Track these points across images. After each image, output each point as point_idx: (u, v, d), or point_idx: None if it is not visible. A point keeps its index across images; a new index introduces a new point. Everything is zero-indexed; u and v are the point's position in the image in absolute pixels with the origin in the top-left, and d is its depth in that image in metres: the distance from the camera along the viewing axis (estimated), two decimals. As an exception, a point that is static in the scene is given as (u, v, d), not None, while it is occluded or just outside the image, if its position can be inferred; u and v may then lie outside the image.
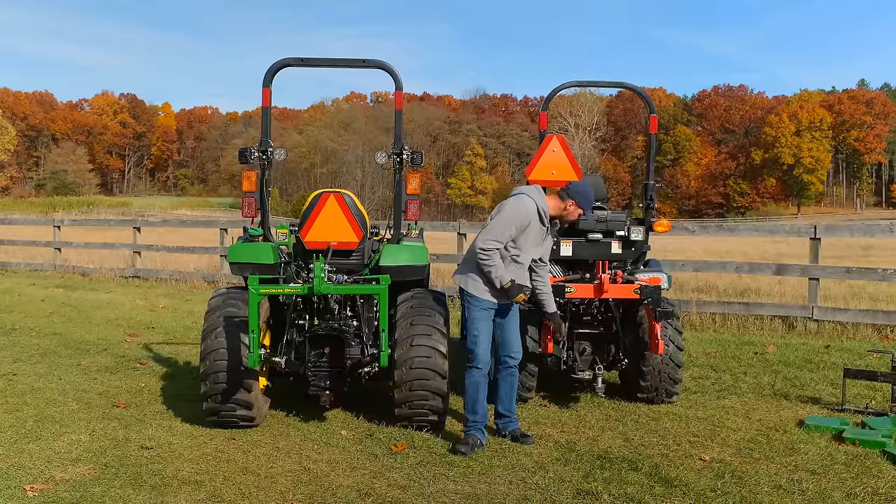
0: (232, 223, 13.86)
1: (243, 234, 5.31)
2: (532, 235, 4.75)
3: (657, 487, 4.05)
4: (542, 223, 4.79)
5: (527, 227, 4.69)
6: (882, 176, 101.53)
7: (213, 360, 4.81)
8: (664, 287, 5.59)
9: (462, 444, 4.61)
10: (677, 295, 10.27)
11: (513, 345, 4.91)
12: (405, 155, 5.29)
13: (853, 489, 4.02)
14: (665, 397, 5.70)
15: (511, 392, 4.94)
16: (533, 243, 4.78)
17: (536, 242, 4.80)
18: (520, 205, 4.70)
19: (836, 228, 10.47)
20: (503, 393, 4.93)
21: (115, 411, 5.45)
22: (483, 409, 4.77)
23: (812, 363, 7.18)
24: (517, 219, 4.67)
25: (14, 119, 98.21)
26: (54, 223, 16.95)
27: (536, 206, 4.73)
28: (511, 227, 4.66)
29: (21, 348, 7.80)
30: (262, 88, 5.20)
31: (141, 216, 55.56)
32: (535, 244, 4.79)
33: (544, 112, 6.43)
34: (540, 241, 4.83)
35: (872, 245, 27.79)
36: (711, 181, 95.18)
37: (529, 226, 4.70)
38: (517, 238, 4.70)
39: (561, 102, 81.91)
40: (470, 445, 4.60)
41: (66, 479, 4.07)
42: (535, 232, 4.76)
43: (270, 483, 4.09)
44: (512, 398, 4.96)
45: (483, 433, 4.75)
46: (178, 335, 8.79)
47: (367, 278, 5.05)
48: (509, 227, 4.66)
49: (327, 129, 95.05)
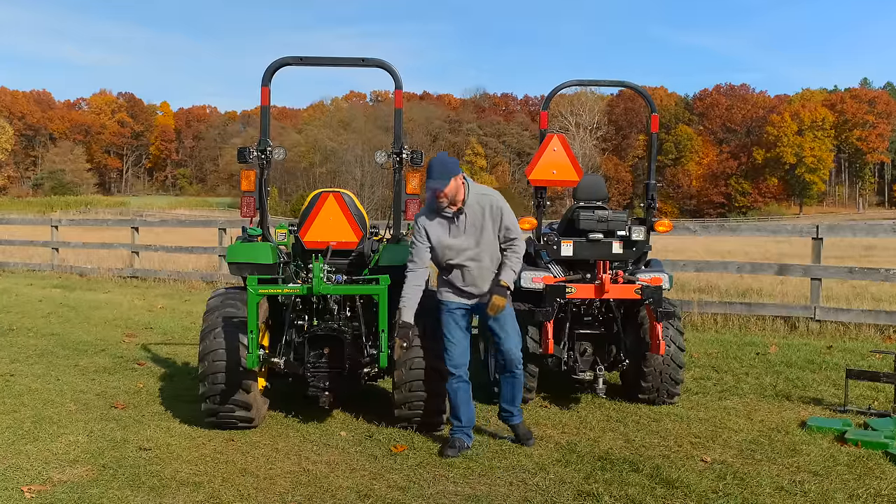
0: (230, 223, 13.83)
1: (242, 234, 5.29)
2: (446, 242, 4.59)
3: (658, 489, 4.02)
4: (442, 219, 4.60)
5: (424, 233, 4.60)
6: (885, 175, 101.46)
7: (212, 360, 4.79)
8: (665, 287, 5.57)
9: (448, 448, 4.58)
10: (679, 295, 10.24)
11: (509, 350, 4.72)
12: (405, 154, 5.26)
13: (856, 490, 4.00)
14: (666, 398, 5.68)
15: (512, 390, 4.81)
16: (457, 249, 4.60)
17: (458, 244, 4.60)
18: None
19: (838, 228, 10.44)
20: (504, 391, 4.84)
21: (114, 412, 5.43)
22: (466, 414, 4.71)
23: (814, 364, 7.16)
24: (414, 233, 4.67)
25: (11, 118, 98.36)
26: (52, 223, 16.97)
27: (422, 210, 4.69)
28: (415, 243, 4.65)
29: (18, 349, 7.78)
30: (261, 87, 5.18)
31: (139, 216, 55.52)
32: (459, 247, 4.60)
33: (545, 111, 6.42)
34: (452, 234, 4.59)
35: (875, 245, 27.74)
36: (713, 181, 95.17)
37: (425, 230, 4.60)
38: (436, 255, 4.63)
39: (562, 101, 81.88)
40: (456, 448, 4.58)
41: (63, 481, 4.06)
42: (444, 235, 4.60)
43: (269, 484, 4.08)
44: (514, 395, 4.82)
45: (468, 436, 4.71)
46: (176, 336, 8.77)
47: (367, 278, 5.03)
48: (413, 245, 4.66)
49: (326, 128, 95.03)
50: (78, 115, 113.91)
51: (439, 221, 4.62)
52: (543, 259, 5.84)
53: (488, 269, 4.66)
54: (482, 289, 4.66)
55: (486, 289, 4.65)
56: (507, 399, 4.83)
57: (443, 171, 4.45)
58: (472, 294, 4.68)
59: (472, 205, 4.59)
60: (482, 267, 4.64)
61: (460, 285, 4.67)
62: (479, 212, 4.60)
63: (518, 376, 4.80)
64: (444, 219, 4.61)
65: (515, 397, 4.83)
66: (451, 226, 4.61)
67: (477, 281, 4.66)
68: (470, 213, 4.59)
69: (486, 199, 4.62)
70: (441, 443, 4.75)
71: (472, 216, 4.60)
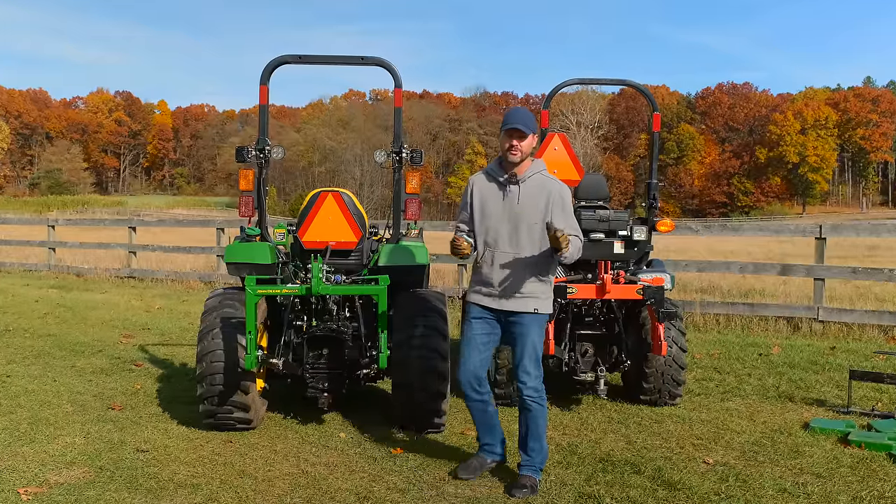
0: (229, 223, 13.79)
1: (240, 234, 5.26)
2: (490, 209, 4.03)
3: (660, 491, 3.99)
4: (492, 181, 4.06)
5: (470, 192, 4.11)
6: (888, 175, 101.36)
7: (210, 361, 4.75)
8: (667, 287, 5.53)
9: (460, 468, 4.21)
10: (681, 295, 10.22)
11: (520, 367, 4.04)
12: (404, 153, 5.22)
13: (859, 492, 3.97)
14: (668, 399, 5.64)
15: (524, 428, 4.09)
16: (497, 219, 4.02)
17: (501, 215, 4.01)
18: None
19: (841, 228, 10.39)
20: (519, 428, 4.15)
21: (111, 413, 5.39)
22: (487, 433, 4.25)
23: (817, 365, 7.12)
24: (463, 193, 4.16)
25: (8, 117, 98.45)
26: (48, 223, 16.93)
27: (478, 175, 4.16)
28: (462, 210, 4.16)
29: (15, 350, 7.74)
30: (260, 86, 5.15)
31: (136, 216, 55.63)
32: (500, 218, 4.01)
33: (546, 110, 6.40)
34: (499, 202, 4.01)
35: (878, 245, 27.65)
36: (715, 180, 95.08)
37: (472, 187, 4.11)
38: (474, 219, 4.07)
39: (563, 100, 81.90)
40: (469, 469, 4.18)
41: (60, 483, 4.03)
42: (491, 201, 4.03)
43: (268, 486, 4.04)
44: (526, 436, 4.08)
45: (491, 453, 4.27)
46: (174, 336, 8.74)
47: (366, 279, 5.00)
48: (461, 210, 4.16)
49: (325, 127, 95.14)
50: (75, 113, 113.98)
51: (491, 184, 4.05)
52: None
53: (524, 266, 3.99)
54: (510, 291, 4.01)
55: (514, 292, 4.01)
56: (520, 438, 4.16)
57: (528, 119, 3.91)
58: (495, 292, 4.04)
59: (533, 180, 4.00)
60: (519, 259, 3.99)
61: (486, 272, 4.03)
62: (538, 192, 3.98)
63: (534, 410, 4.04)
64: (498, 184, 4.03)
65: (527, 438, 4.10)
66: (502, 192, 4.01)
67: (508, 275, 3.99)
68: (526, 189, 3.98)
69: (553, 183, 4.03)
70: (441, 444, 4.72)
71: (528, 192, 3.98)
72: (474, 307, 4.14)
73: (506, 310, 4.05)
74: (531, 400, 4.03)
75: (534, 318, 4.04)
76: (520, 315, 4.03)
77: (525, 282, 4.01)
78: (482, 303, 4.10)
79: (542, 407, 4.06)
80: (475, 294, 4.14)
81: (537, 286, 4.04)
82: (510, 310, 4.04)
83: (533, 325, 4.04)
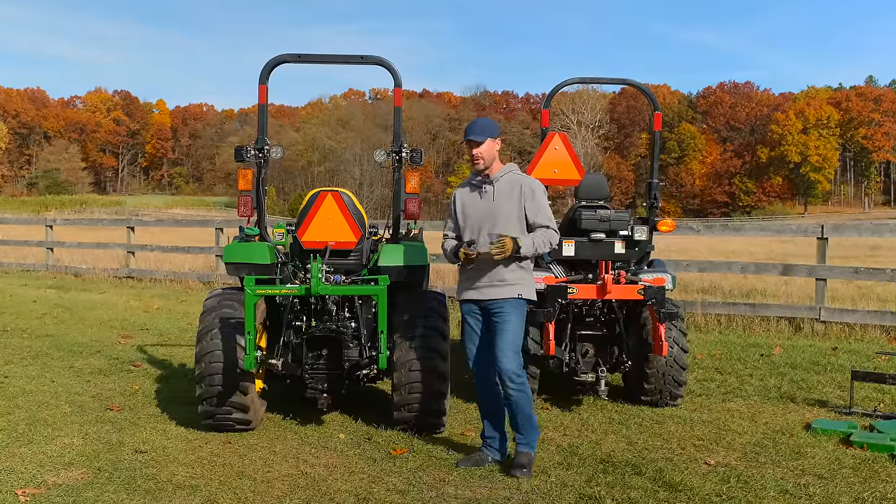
0: (228, 222, 13.78)
1: (239, 234, 5.24)
2: (469, 211, 4.42)
3: (661, 492, 3.97)
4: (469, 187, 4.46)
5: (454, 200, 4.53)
6: (890, 174, 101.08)
7: (209, 362, 4.74)
8: (668, 288, 5.52)
9: (462, 460, 4.40)
10: (682, 296, 10.19)
11: (501, 353, 4.23)
12: (404, 153, 5.21)
13: (861, 494, 3.95)
14: (669, 400, 5.62)
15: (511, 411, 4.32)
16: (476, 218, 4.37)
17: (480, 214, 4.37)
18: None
19: (843, 228, 10.39)
20: (508, 411, 4.40)
21: (109, 414, 5.37)
22: (490, 427, 4.44)
23: (819, 365, 7.10)
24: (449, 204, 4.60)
25: (5, 116, 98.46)
26: (46, 222, 16.93)
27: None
28: (448, 218, 4.58)
29: (13, 350, 7.73)
30: (259, 85, 5.14)
31: (135, 215, 55.63)
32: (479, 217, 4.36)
33: (546, 109, 6.40)
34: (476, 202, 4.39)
35: (880, 245, 27.62)
36: (716, 180, 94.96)
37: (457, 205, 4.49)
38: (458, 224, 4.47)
39: (563, 99, 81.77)
40: (470, 461, 4.36)
41: (58, 484, 4.01)
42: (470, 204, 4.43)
43: (267, 488, 4.03)
44: (515, 416, 4.31)
45: (491, 448, 4.42)
46: (172, 337, 8.72)
47: (366, 279, 4.97)
48: (447, 219, 4.59)
49: (325, 126, 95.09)
50: (73, 113, 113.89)
51: (469, 190, 4.47)
52: (545, 259, 5.80)
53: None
54: (493, 280, 4.29)
55: (496, 281, 4.28)
56: (510, 421, 4.38)
57: (482, 128, 4.36)
58: (480, 284, 4.32)
59: (504, 179, 4.38)
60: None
61: (471, 268, 4.35)
62: (510, 188, 4.36)
63: (512, 395, 4.25)
64: (474, 188, 4.45)
65: (518, 417, 4.30)
66: (477, 193, 4.42)
67: (490, 266, 4.27)
68: (499, 187, 4.37)
69: (523, 178, 4.43)
70: (441, 445, 4.70)
71: (501, 189, 4.36)
72: (465, 304, 4.45)
73: (490, 298, 4.33)
74: (513, 388, 4.24)
75: (516, 304, 4.31)
76: (503, 301, 4.30)
77: (506, 270, 4.31)
78: (470, 297, 4.41)
79: (523, 393, 4.28)
80: (464, 292, 4.45)
81: (518, 273, 4.35)
82: (494, 298, 4.32)
83: (515, 312, 4.31)
